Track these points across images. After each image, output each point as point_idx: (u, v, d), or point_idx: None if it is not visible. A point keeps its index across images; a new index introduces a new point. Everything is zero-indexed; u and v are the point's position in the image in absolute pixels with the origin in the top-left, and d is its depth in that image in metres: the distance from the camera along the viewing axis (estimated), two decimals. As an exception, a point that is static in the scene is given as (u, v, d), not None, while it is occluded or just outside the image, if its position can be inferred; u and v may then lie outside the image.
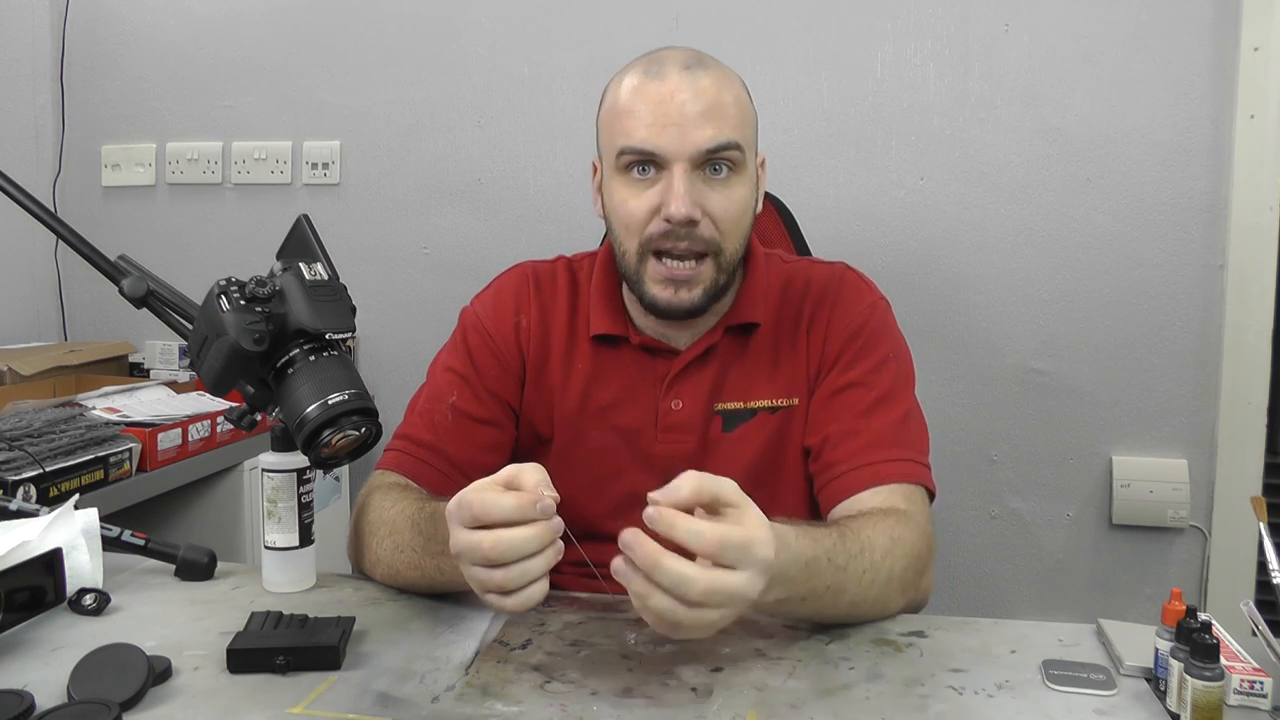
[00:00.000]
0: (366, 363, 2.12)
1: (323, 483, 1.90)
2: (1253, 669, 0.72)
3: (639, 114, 0.97)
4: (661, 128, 0.96)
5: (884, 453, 1.00)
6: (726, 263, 1.01)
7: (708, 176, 0.98)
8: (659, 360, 1.09)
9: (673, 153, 0.96)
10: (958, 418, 1.92)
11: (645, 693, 0.75)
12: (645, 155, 0.97)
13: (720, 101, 0.98)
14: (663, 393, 1.08)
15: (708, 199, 0.98)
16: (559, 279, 1.14)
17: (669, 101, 0.96)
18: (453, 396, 1.09)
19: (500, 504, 0.72)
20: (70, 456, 1.40)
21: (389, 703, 0.73)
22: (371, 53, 2.12)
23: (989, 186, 1.89)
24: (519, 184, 2.07)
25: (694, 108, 0.96)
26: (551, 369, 1.11)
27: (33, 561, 0.85)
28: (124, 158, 2.24)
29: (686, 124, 0.96)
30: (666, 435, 1.07)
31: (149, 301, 0.90)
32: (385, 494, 0.99)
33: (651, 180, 0.98)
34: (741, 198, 1.00)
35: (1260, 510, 0.86)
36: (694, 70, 0.98)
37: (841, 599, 0.83)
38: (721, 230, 0.99)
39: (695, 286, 1.00)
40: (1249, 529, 1.78)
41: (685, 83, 0.97)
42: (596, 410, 1.09)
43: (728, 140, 0.97)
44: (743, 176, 1.01)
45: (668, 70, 0.98)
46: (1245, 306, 1.78)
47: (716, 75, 1.00)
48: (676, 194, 0.95)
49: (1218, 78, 1.78)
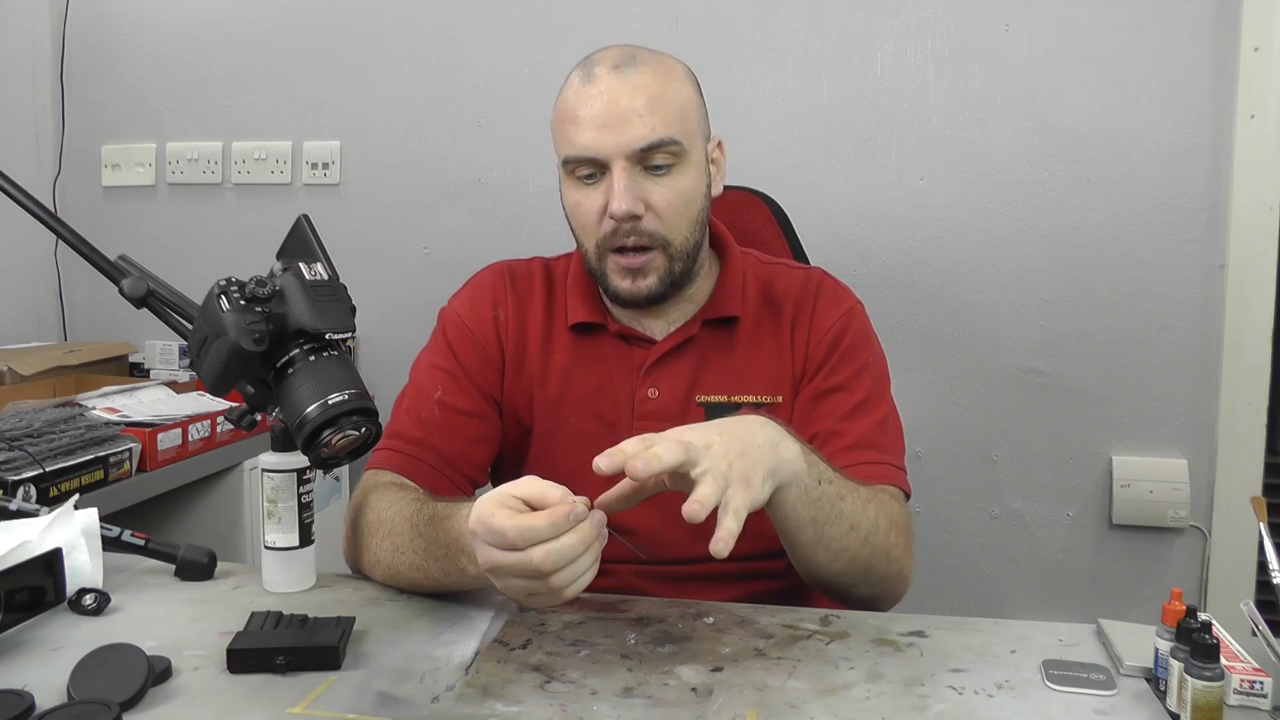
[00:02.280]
0: (366, 363, 2.12)
1: (323, 483, 1.90)
2: (1253, 669, 0.72)
3: (576, 119, 1.00)
4: (596, 130, 0.99)
5: (864, 454, 1.03)
6: (678, 251, 1.04)
7: (648, 171, 1.01)
8: (636, 349, 1.11)
9: (609, 153, 0.99)
10: (958, 418, 1.92)
11: (645, 693, 0.75)
12: (585, 160, 1.01)
13: (654, 96, 0.99)
14: (639, 381, 1.10)
15: (649, 193, 1.01)
16: (535, 275, 1.17)
17: (598, 102, 0.99)
18: (438, 392, 1.10)
19: (536, 528, 0.73)
20: (70, 456, 1.40)
21: (389, 703, 0.73)
22: (371, 53, 2.12)
23: (989, 186, 1.89)
24: (519, 184, 2.07)
25: (626, 106, 0.98)
26: (530, 359, 1.13)
27: (33, 561, 0.85)
28: (124, 158, 2.24)
29: (619, 124, 0.98)
30: (642, 424, 1.08)
31: (149, 301, 0.89)
32: (382, 494, 0.99)
33: (598, 183, 1.02)
34: (685, 188, 1.03)
35: (1260, 510, 0.86)
36: (624, 69, 1.00)
37: (842, 506, 0.89)
38: (665, 222, 1.02)
39: (649, 275, 1.04)
40: (1249, 529, 1.78)
41: (615, 83, 0.99)
42: (576, 398, 1.11)
43: (661, 137, 0.99)
44: (685, 166, 1.02)
45: (598, 72, 1.01)
46: (1245, 306, 1.78)
47: (650, 70, 1.01)
48: (616, 192, 0.99)
49: (1218, 78, 1.78)
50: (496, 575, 0.77)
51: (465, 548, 0.83)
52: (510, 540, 0.73)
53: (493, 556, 0.75)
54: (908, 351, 1.92)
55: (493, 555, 0.75)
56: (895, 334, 1.92)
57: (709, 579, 1.06)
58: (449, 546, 0.86)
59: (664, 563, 1.06)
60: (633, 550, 0.92)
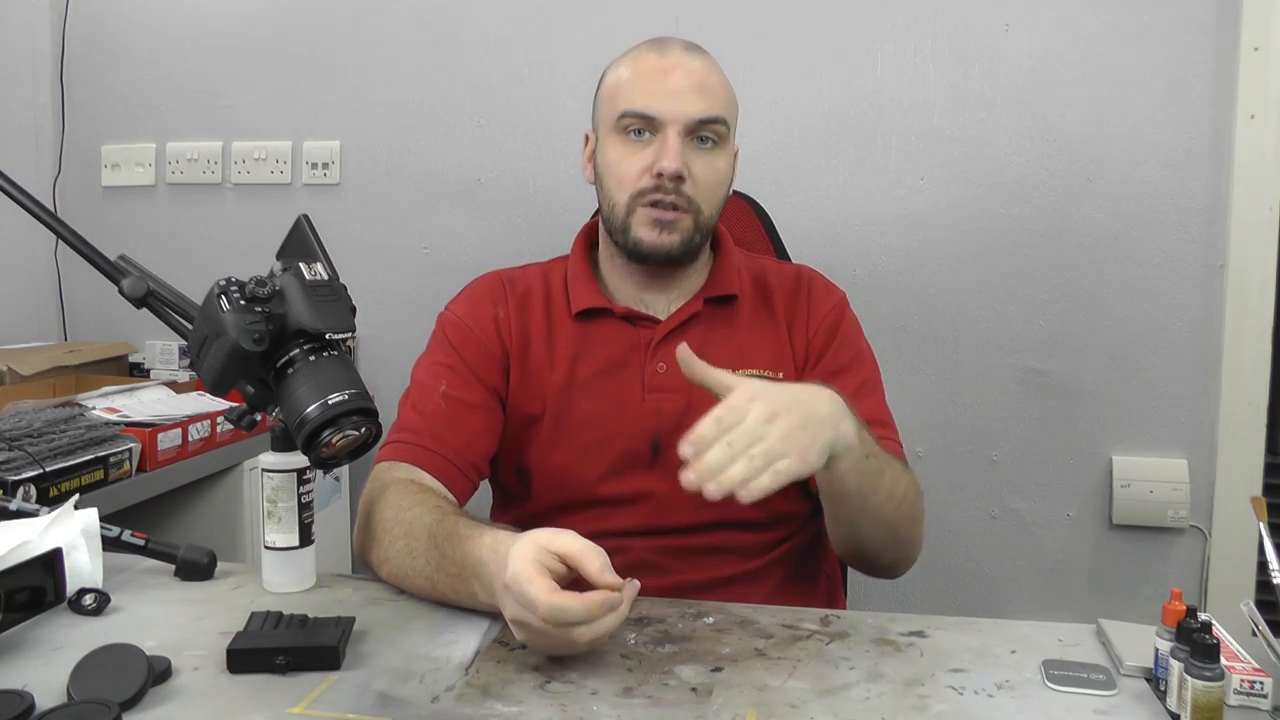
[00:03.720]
0: (366, 363, 2.12)
1: (323, 483, 1.90)
2: (1253, 669, 0.72)
3: (641, 83, 1.09)
4: (661, 95, 1.07)
5: (875, 430, 1.03)
6: (703, 223, 1.10)
7: (696, 145, 1.08)
8: (641, 328, 1.14)
9: (669, 117, 1.07)
10: (958, 418, 1.92)
11: (645, 693, 0.75)
12: (644, 119, 1.08)
13: (716, 82, 1.10)
14: (648, 357, 1.13)
15: (694, 163, 1.08)
16: (531, 278, 1.20)
17: (669, 74, 1.08)
18: (442, 386, 1.11)
19: (570, 610, 0.74)
20: (70, 456, 1.40)
21: (389, 703, 0.73)
22: (371, 53, 2.12)
23: (989, 186, 1.89)
24: (519, 184, 2.07)
25: (691, 81, 1.08)
26: (534, 352, 1.15)
27: (33, 561, 0.85)
28: (124, 158, 2.24)
29: (682, 95, 1.07)
30: (653, 396, 1.12)
31: (149, 301, 0.89)
32: (402, 492, 0.99)
33: (646, 142, 1.08)
34: (722, 168, 1.11)
35: (1260, 510, 0.86)
36: (692, 52, 1.11)
37: (883, 479, 0.95)
38: (702, 192, 1.09)
39: (676, 231, 1.09)
40: (1249, 529, 1.78)
41: (685, 60, 1.09)
42: (584, 380, 1.13)
43: (717, 114, 1.08)
44: (725, 151, 1.12)
45: (670, 48, 1.11)
46: (1245, 306, 1.78)
47: (712, 61, 1.12)
48: (670, 151, 1.06)
49: (1218, 78, 1.78)
50: (519, 630, 0.78)
51: (480, 574, 0.84)
52: (542, 617, 0.74)
53: (523, 617, 0.76)
54: (908, 351, 1.92)
55: (523, 616, 0.76)
56: (895, 334, 1.92)
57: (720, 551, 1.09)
58: (463, 569, 0.86)
59: (674, 531, 1.09)
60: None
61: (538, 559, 0.76)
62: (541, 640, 0.77)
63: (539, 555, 0.76)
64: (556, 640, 0.76)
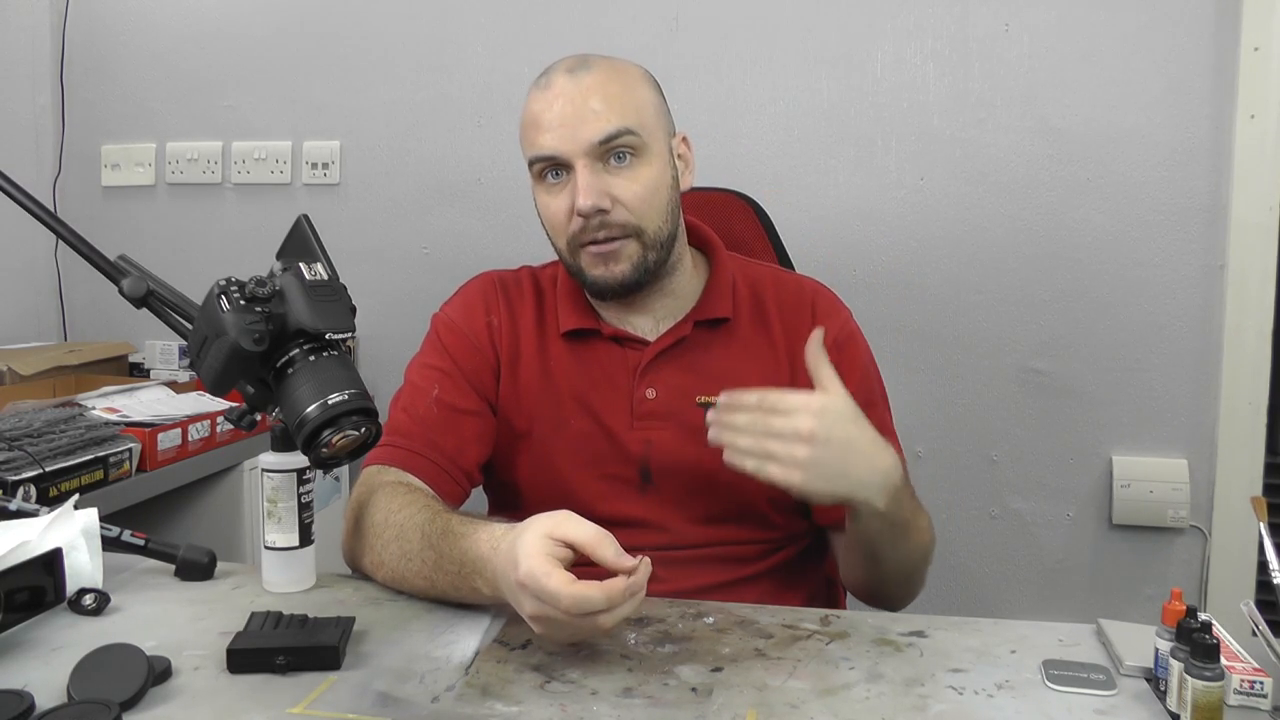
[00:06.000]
0: (366, 363, 2.12)
1: (323, 483, 1.90)
2: (1253, 669, 0.72)
3: (536, 123, 1.05)
4: (555, 131, 1.03)
5: None
6: (651, 240, 1.06)
7: (611, 166, 1.03)
8: (630, 351, 1.12)
9: (569, 151, 1.02)
10: (958, 418, 1.92)
11: (645, 693, 0.75)
12: (548, 159, 1.04)
13: (608, 94, 1.03)
14: (636, 381, 1.11)
15: (613, 186, 1.03)
16: (524, 284, 1.19)
17: (553, 105, 1.03)
18: (435, 390, 1.10)
19: (592, 599, 0.74)
20: (70, 456, 1.40)
21: (389, 703, 0.73)
22: (371, 53, 2.12)
23: (989, 186, 1.89)
24: (519, 184, 2.04)
25: (577, 106, 1.02)
26: (525, 366, 1.13)
27: (33, 561, 0.85)
28: (124, 158, 2.24)
29: (575, 122, 1.02)
30: (641, 424, 1.10)
31: (149, 301, 0.89)
32: (390, 495, 0.99)
33: (564, 183, 1.05)
34: (648, 178, 1.05)
35: (1260, 510, 0.86)
36: (577, 73, 1.04)
37: (909, 540, 1.00)
38: (636, 211, 1.04)
39: (622, 260, 1.05)
40: (1249, 529, 1.78)
41: (569, 85, 1.04)
42: (574, 402, 1.12)
43: (618, 128, 1.02)
44: (647, 157, 1.05)
45: (553, 78, 1.06)
46: (1245, 306, 1.78)
47: (602, 71, 1.05)
48: (580, 189, 1.01)
49: (1218, 78, 1.78)
50: (539, 625, 0.77)
51: (481, 571, 0.83)
52: (565, 610, 0.74)
53: (545, 612, 0.75)
54: (908, 351, 1.92)
55: (545, 611, 0.75)
56: (895, 334, 1.92)
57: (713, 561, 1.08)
58: (463, 565, 0.86)
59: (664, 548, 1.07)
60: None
61: (547, 551, 0.76)
62: (563, 631, 0.77)
63: (547, 547, 0.76)
64: (579, 629, 0.76)
